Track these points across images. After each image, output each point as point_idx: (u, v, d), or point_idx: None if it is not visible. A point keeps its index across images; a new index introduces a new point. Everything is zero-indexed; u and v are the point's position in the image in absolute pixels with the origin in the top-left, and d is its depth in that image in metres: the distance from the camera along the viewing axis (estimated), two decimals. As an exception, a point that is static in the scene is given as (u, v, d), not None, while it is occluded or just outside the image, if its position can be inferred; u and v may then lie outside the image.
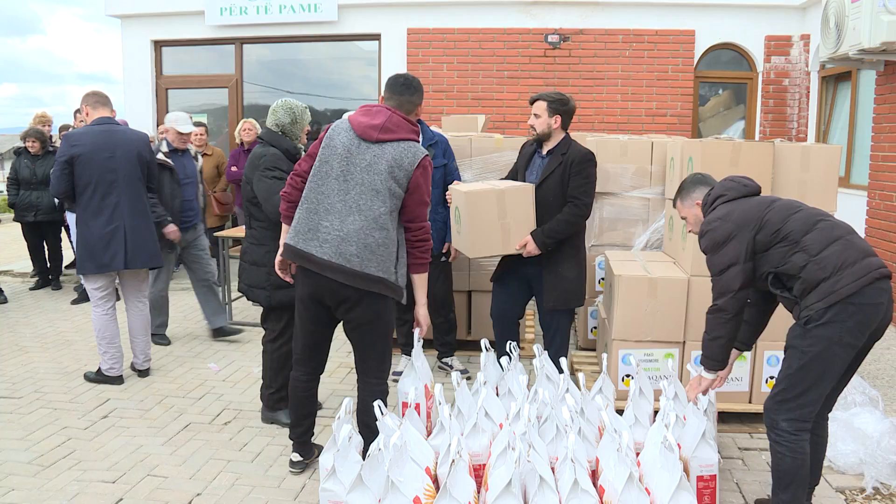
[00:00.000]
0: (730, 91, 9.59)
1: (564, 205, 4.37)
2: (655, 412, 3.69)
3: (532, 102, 4.52)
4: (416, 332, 3.79)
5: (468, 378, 4.56)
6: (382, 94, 3.67)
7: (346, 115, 3.62)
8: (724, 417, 4.31)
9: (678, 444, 2.98)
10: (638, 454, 3.20)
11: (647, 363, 4.29)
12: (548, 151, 4.49)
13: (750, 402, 4.36)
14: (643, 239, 5.29)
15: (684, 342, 4.30)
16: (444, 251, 5.15)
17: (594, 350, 5.44)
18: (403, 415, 3.68)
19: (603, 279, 5.40)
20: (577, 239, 4.49)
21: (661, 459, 2.93)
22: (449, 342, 5.36)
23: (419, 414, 3.74)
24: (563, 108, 4.44)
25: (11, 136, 10.82)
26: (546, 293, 4.46)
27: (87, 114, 5.08)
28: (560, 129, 4.45)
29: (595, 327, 5.56)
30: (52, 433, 4.38)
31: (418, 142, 3.48)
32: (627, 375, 4.34)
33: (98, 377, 5.20)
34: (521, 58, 9.22)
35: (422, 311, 3.69)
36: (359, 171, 3.36)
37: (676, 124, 9.13)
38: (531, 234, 4.36)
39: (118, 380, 5.20)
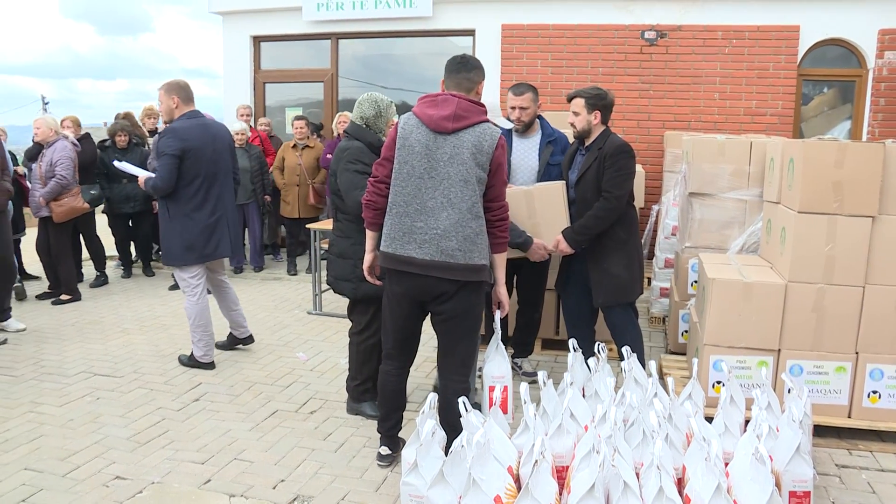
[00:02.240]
0: (835, 89, 9.16)
1: None
2: (746, 422, 3.58)
3: (570, 100, 4.45)
4: (498, 313, 3.78)
5: (534, 382, 4.51)
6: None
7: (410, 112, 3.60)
8: (821, 431, 4.13)
9: (770, 457, 2.87)
10: (727, 464, 3.10)
11: (739, 370, 4.16)
12: (587, 147, 4.42)
13: (849, 416, 4.16)
14: (739, 242, 5.12)
15: (779, 350, 4.14)
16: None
17: (684, 354, 5.31)
18: (491, 402, 3.67)
19: (696, 282, 5.26)
20: (622, 232, 4.39)
21: (751, 471, 2.83)
22: (527, 343, 5.30)
23: (505, 397, 3.73)
24: (601, 102, 4.37)
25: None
26: (594, 290, 4.39)
27: (176, 105, 5.16)
28: (600, 123, 4.40)
29: (686, 331, 5.43)
30: (148, 412, 4.58)
31: (488, 121, 3.46)
32: (718, 382, 4.21)
33: (191, 362, 5.40)
34: (617, 55, 9.06)
35: (502, 291, 3.70)
36: (442, 164, 3.35)
37: (777, 124, 8.79)
38: (562, 232, 4.30)
39: (211, 366, 5.38)
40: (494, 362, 3.84)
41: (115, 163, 6.11)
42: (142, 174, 5.36)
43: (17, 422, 4.41)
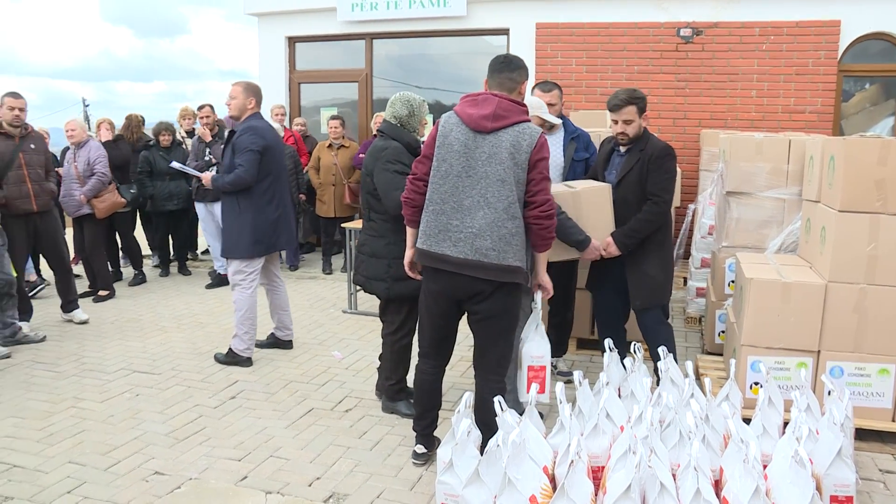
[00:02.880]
0: (878, 85, 8.98)
1: (644, 202, 4.26)
2: (785, 424, 3.53)
3: (618, 108, 4.26)
4: (538, 294, 3.77)
5: (569, 382, 4.49)
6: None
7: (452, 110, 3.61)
8: (863, 435, 4.05)
9: (810, 460, 2.84)
10: (765, 467, 3.06)
11: (777, 371, 4.10)
12: (626, 149, 4.37)
13: (893, 420, 4.08)
14: (777, 241, 5.05)
15: (819, 351, 4.08)
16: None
17: (721, 355, 5.25)
18: (529, 382, 3.67)
19: (733, 282, 5.20)
20: (660, 234, 4.36)
21: (790, 475, 2.79)
22: (561, 343, 5.27)
23: (543, 377, 3.73)
24: (645, 104, 4.30)
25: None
26: (632, 292, 4.35)
27: (251, 106, 5.35)
28: (646, 120, 4.35)
29: (723, 331, 5.37)
30: (185, 409, 4.64)
31: (529, 121, 3.45)
32: (756, 383, 4.16)
33: (229, 359, 5.47)
34: (652, 53, 8.98)
35: (545, 277, 3.70)
36: (481, 164, 3.35)
37: (816, 122, 8.65)
38: (611, 235, 4.26)
39: (249, 361, 5.46)
40: (534, 342, 3.78)
41: (173, 164, 6.28)
42: (205, 174, 5.59)
43: (61, 416, 4.51)
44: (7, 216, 6.14)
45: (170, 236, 8.86)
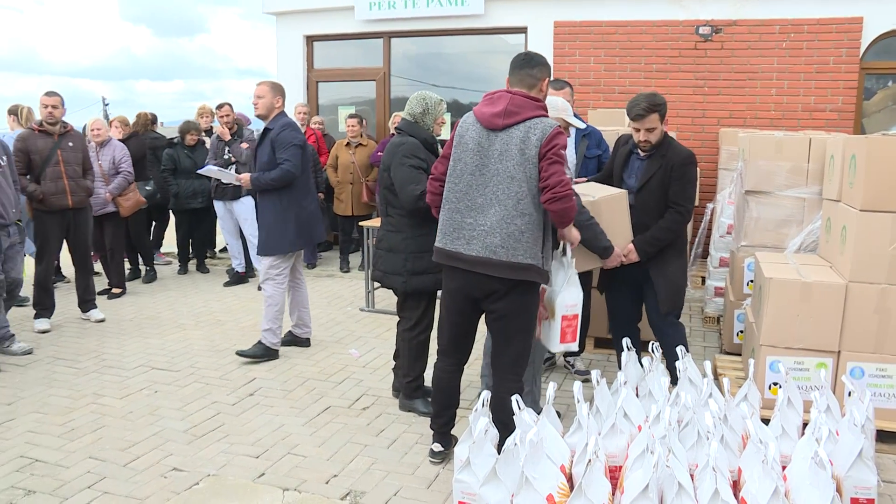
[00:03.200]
0: (900, 83, 8.89)
1: (665, 208, 4.23)
2: (804, 425, 3.50)
3: (641, 118, 4.18)
4: (567, 245, 3.76)
5: (587, 381, 4.48)
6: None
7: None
8: (885, 437, 3.99)
9: (830, 461, 2.81)
10: (784, 468, 3.04)
11: (796, 372, 4.07)
12: (647, 153, 4.33)
13: (914, 421, 4.05)
14: (797, 241, 5.01)
15: (839, 352, 4.05)
16: None
17: (739, 355, 5.22)
18: (563, 332, 3.68)
19: (752, 281, 5.17)
20: (680, 241, 4.38)
21: (810, 476, 2.77)
22: (578, 341, 5.24)
23: (575, 326, 3.76)
24: (665, 109, 4.24)
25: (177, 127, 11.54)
26: (660, 297, 4.33)
27: (279, 105, 5.43)
28: (666, 125, 4.32)
29: (741, 331, 5.34)
30: (204, 406, 4.68)
31: (546, 116, 3.42)
32: (775, 384, 4.14)
33: (260, 352, 5.54)
34: (671, 51, 8.93)
35: (571, 233, 3.67)
36: (493, 161, 3.36)
37: (836, 120, 8.56)
38: (633, 242, 4.24)
39: (276, 354, 5.59)
40: (566, 291, 3.75)
41: (202, 170, 6.34)
42: (243, 175, 5.64)
43: (82, 412, 4.56)
44: (43, 212, 6.27)
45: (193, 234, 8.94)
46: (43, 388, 4.96)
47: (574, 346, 3.84)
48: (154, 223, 9.29)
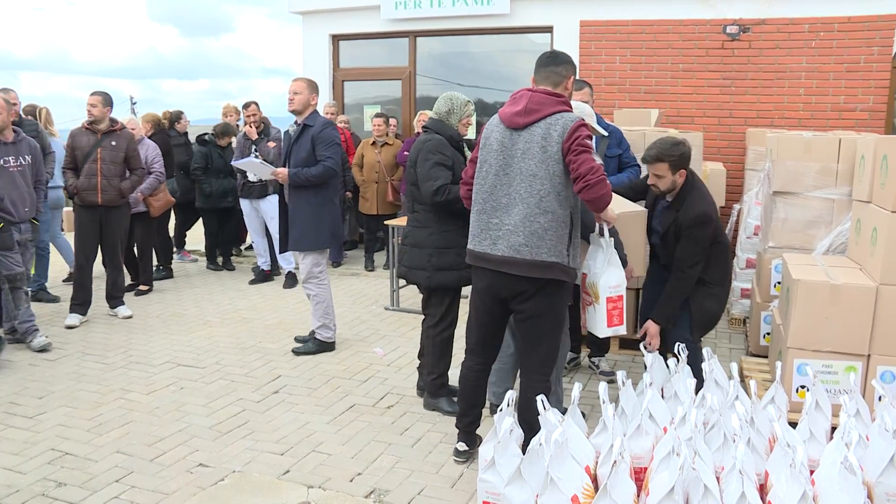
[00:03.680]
0: (933, 83, 8.74)
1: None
2: (833, 429, 3.46)
3: (646, 161, 4.20)
4: (603, 225, 3.77)
5: (611, 381, 4.47)
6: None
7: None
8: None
9: (860, 467, 2.77)
10: (812, 472, 3.01)
11: (825, 375, 4.03)
12: (668, 201, 4.30)
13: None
14: (825, 242, 4.96)
15: (869, 356, 3.99)
16: None
17: (766, 357, 5.17)
18: (610, 315, 3.67)
19: (779, 283, 5.11)
20: (719, 272, 4.29)
21: (840, 481, 2.73)
22: (603, 342, 5.26)
23: (622, 308, 3.76)
24: (684, 162, 4.15)
25: (203, 126, 11.67)
26: (693, 324, 4.30)
27: (314, 103, 5.54)
28: (683, 176, 4.20)
29: (768, 333, 5.29)
30: (229, 403, 4.72)
31: (569, 111, 3.40)
32: (802, 387, 4.09)
33: (318, 346, 5.67)
34: (697, 50, 8.85)
35: (608, 213, 3.62)
36: (516, 161, 3.37)
37: (867, 120, 8.44)
38: (650, 319, 4.24)
39: (333, 346, 5.72)
40: (608, 273, 3.75)
41: (239, 162, 6.41)
42: (280, 169, 5.56)
43: (110, 407, 4.61)
44: (79, 205, 6.48)
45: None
46: (72, 383, 5.03)
47: (622, 330, 3.84)
48: (176, 222, 9.39)
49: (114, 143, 6.42)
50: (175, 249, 9.18)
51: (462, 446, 3.85)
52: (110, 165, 6.39)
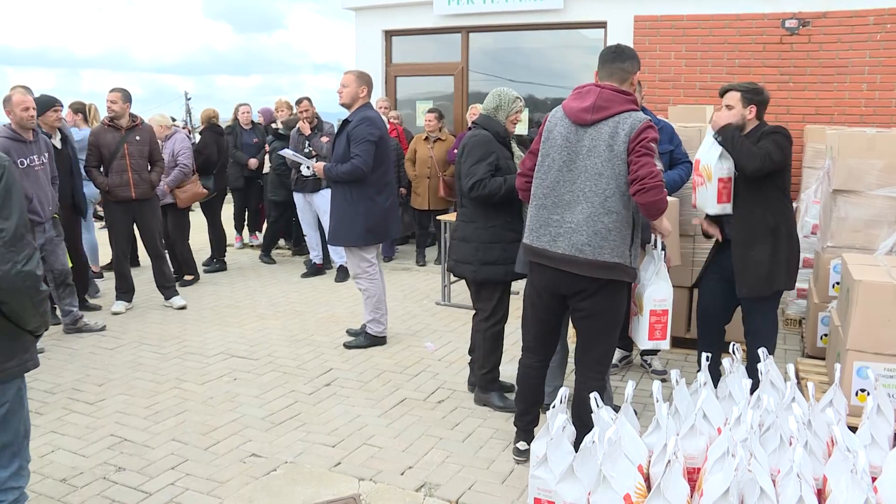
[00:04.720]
0: None
1: (757, 191, 4.05)
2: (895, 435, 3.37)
3: (723, 94, 4.20)
4: (657, 237, 3.72)
5: (664, 380, 4.41)
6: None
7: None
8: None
9: (926, 473, 2.69)
10: (874, 479, 2.93)
11: (887, 379, 3.92)
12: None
13: None
14: (889, 242, 4.82)
15: (933, 359, 3.88)
16: None
17: (823, 359, 5.05)
18: (652, 329, 3.65)
19: (838, 283, 4.99)
20: (769, 217, 4.09)
21: (904, 487, 2.66)
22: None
23: (665, 322, 3.71)
24: (757, 98, 4.12)
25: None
26: (737, 279, 4.15)
27: (363, 95, 5.50)
28: (755, 119, 4.14)
29: (825, 334, 5.16)
30: (281, 394, 4.78)
31: (637, 110, 3.35)
32: (862, 390, 3.99)
33: (368, 341, 5.71)
34: (755, 45, 8.67)
35: (663, 224, 3.55)
36: (581, 157, 3.32)
37: (934, 116, 8.18)
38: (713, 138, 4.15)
39: (384, 340, 5.76)
40: (656, 286, 3.71)
41: (284, 151, 6.52)
42: (317, 163, 5.71)
43: (165, 396, 4.72)
44: (111, 202, 6.59)
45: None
46: (130, 371, 5.16)
47: (665, 345, 3.79)
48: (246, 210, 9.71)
49: (138, 137, 6.57)
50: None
51: (523, 445, 3.80)
52: (139, 160, 6.55)
